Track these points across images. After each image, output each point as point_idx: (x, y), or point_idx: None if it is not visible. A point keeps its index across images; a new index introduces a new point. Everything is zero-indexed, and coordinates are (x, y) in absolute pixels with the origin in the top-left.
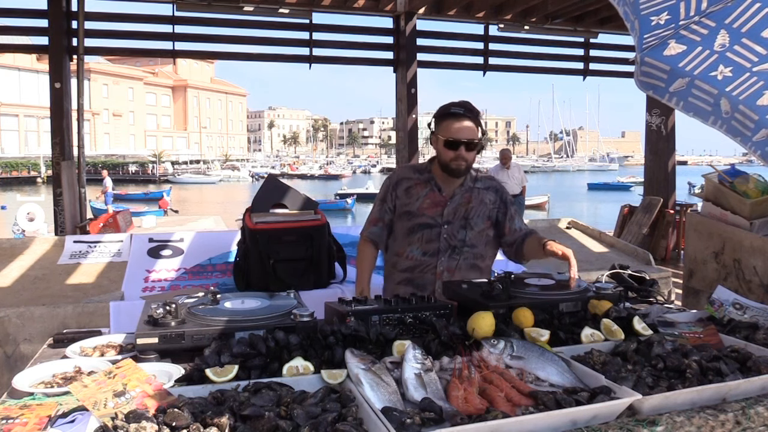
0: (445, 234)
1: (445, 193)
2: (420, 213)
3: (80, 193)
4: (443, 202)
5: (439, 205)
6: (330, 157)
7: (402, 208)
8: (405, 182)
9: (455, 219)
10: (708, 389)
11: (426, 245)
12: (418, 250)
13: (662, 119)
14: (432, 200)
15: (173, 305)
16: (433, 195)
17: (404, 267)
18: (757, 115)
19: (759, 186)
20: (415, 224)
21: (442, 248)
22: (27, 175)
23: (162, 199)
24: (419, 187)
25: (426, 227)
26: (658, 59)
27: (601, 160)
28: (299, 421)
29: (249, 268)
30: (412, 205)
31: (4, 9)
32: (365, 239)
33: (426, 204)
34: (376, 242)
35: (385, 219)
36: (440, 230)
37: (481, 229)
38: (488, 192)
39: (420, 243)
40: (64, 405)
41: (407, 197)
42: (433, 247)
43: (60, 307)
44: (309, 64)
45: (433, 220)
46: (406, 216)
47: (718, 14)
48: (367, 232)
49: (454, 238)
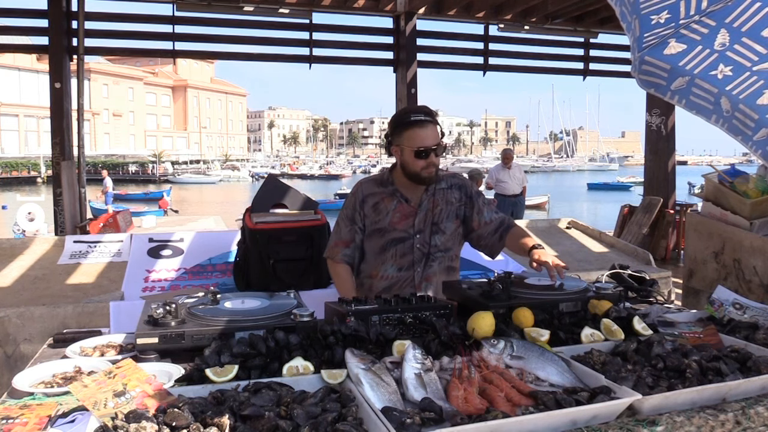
0: (417, 244)
1: (413, 203)
2: (391, 228)
3: (80, 193)
4: (413, 212)
5: (409, 216)
6: (330, 157)
7: (372, 226)
8: (371, 198)
9: (425, 227)
10: (708, 389)
11: (400, 260)
12: (392, 267)
13: (662, 119)
14: (401, 213)
15: (173, 305)
16: (402, 207)
17: (381, 288)
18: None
19: (759, 186)
20: (387, 241)
21: (416, 259)
22: (27, 175)
23: (162, 199)
24: (386, 202)
25: (398, 242)
26: (658, 58)
27: (601, 160)
28: (299, 421)
29: (249, 268)
30: (382, 221)
31: (4, 9)
32: (337, 263)
33: (396, 218)
34: (350, 264)
35: (356, 239)
36: (413, 241)
37: (452, 230)
38: (452, 190)
39: (394, 259)
40: (64, 405)
41: (376, 214)
42: (407, 261)
43: (60, 307)
44: (309, 64)
45: (405, 233)
46: (377, 234)
47: (718, 13)
48: (339, 256)
49: (427, 246)
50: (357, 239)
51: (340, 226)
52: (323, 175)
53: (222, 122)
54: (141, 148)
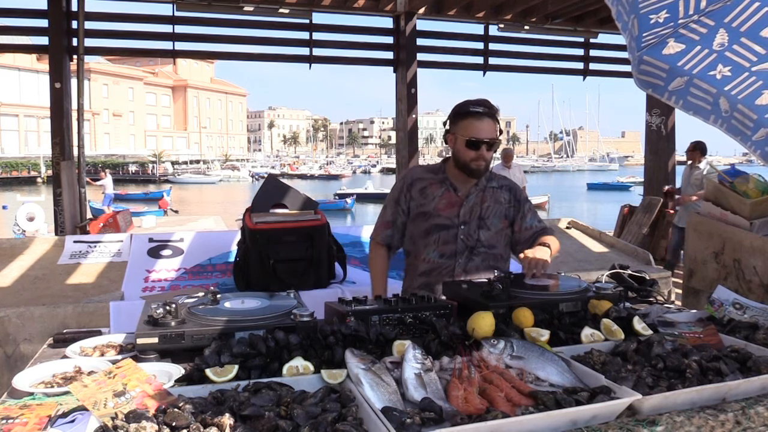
0: (461, 235)
1: (461, 193)
2: (436, 213)
3: (80, 193)
4: (459, 202)
5: (455, 205)
6: (330, 157)
7: (417, 209)
8: (419, 183)
9: (471, 219)
10: (708, 389)
11: (443, 247)
12: (434, 253)
13: (662, 119)
14: (448, 200)
15: (173, 305)
16: (449, 195)
17: (422, 270)
18: (756, 115)
19: (759, 186)
20: (431, 225)
21: (459, 249)
22: (27, 175)
23: (162, 199)
24: (434, 187)
25: (442, 228)
26: (657, 58)
27: (601, 160)
28: (299, 421)
29: (249, 268)
30: (427, 205)
31: (4, 9)
32: (378, 243)
33: (442, 204)
34: (390, 246)
35: (398, 222)
36: (457, 231)
37: (499, 229)
38: (503, 191)
39: (437, 245)
40: (64, 405)
41: (422, 198)
42: (450, 249)
43: (60, 307)
44: (309, 64)
45: (449, 221)
46: (421, 217)
47: (717, 13)
48: (380, 236)
49: (471, 239)
50: (399, 221)
51: (386, 208)
52: (323, 175)
53: (222, 122)
54: (141, 148)
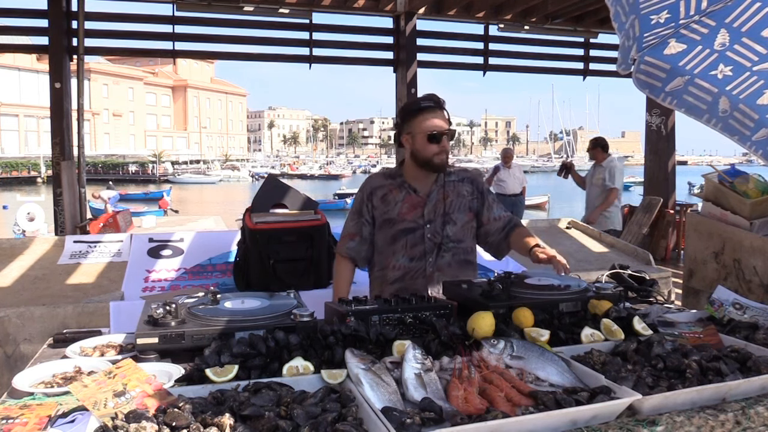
0: (428, 234)
1: (422, 193)
2: (401, 218)
3: (80, 193)
4: (422, 202)
5: (418, 207)
6: (330, 157)
7: (381, 217)
8: (379, 191)
9: (436, 217)
10: (708, 389)
11: (411, 250)
12: (404, 258)
13: (662, 119)
14: (410, 203)
15: (173, 305)
16: (410, 198)
17: (394, 278)
18: (757, 114)
19: (759, 186)
20: (397, 231)
21: (428, 249)
22: (27, 175)
23: (162, 199)
24: (394, 193)
25: (409, 232)
26: (658, 58)
27: None
28: (299, 421)
29: (249, 268)
30: (391, 212)
31: (4, 9)
32: (342, 256)
33: (404, 208)
34: (354, 258)
35: (363, 233)
36: (423, 231)
37: (464, 222)
38: (464, 184)
39: (405, 249)
40: (64, 405)
41: (384, 205)
42: (419, 251)
43: (60, 307)
44: (309, 64)
45: (414, 223)
46: (387, 225)
47: (718, 13)
48: (344, 249)
49: (438, 236)
50: (364, 231)
51: (348, 222)
52: (323, 175)
53: (222, 122)
54: (141, 148)
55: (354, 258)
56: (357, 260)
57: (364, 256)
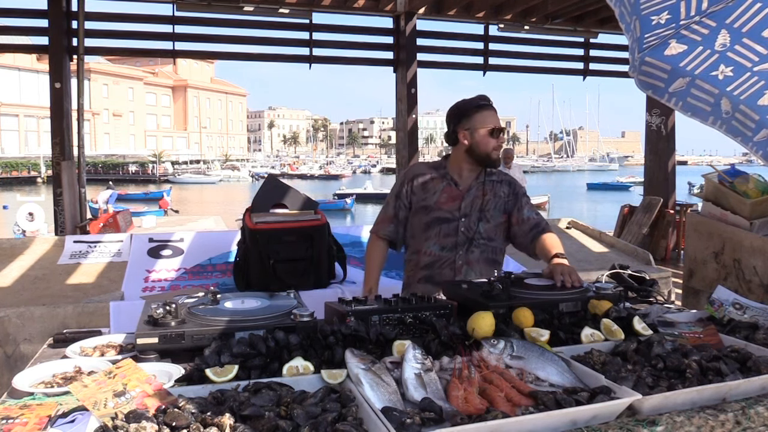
0: (462, 227)
1: (462, 187)
2: (437, 207)
3: (80, 193)
4: (460, 195)
5: (456, 199)
6: (330, 157)
7: (418, 203)
8: (420, 178)
9: (472, 212)
10: (708, 389)
11: (443, 239)
12: (435, 246)
13: (662, 119)
14: (449, 194)
15: (173, 305)
16: (450, 189)
17: (424, 264)
18: (758, 115)
19: (759, 186)
20: (432, 219)
21: (459, 242)
22: (27, 175)
23: (162, 199)
24: (435, 182)
25: (443, 221)
26: (659, 59)
27: (601, 160)
28: (299, 421)
29: (249, 268)
30: (429, 199)
31: (4, 9)
32: (377, 237)
33: (443, 198)
34: (390, 240)
35: (400, 216)
36: (457, 224)
37: (498, 222)
38: (502, 185)
39: (438, 237)
40: (64, 405)
41: (423, 192)
42: (450, 242)
43: (60, 307)
44: (309, 64)
45: (450, 214)
46: (422, 211)
47: (718, 14)
48: (382, 231)
49: (471, 231)
50: (400, 215)
51: (388, 203)
52: (323, 175)
53: (222, 122)
54: (141, 148)
55: (393, 240)
56: (395, 242)
57: (401, 238)
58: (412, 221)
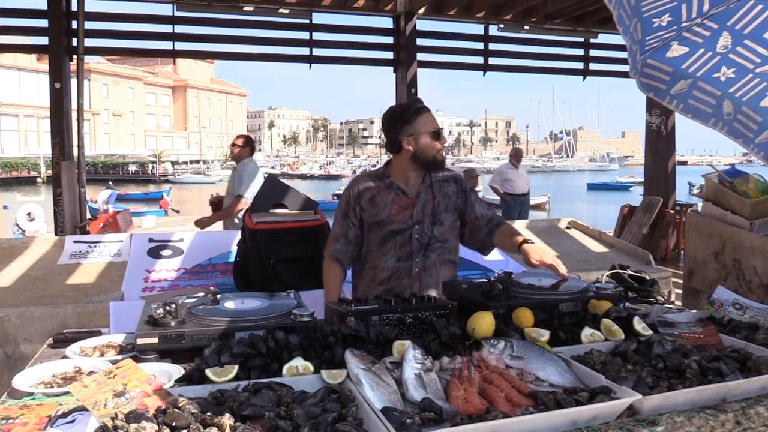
0: (416, 234)
1: (410, 195)
2: (390, 220)
3: (80, 193)
4: (410, 203)
5: (407, 208)
6: (330, 157)
7: (370, 219)
8: (367, 192)
9: (425, 217)
10: (708, 389)
11: (399, 251)
12: (392, 258)
13: (662, 119)
14: (399, 204)
15: (173, 305)
16: (399, 199)
17: (381, 279)
18: (760, 117)
19: (759, 186)
20: (386, 233)
21: (414, 249)
22: (27, 175)
23: (163, 199)
24: (383, 194)
25: (398, 233)
26: (660, 61)
27: (601, 160)
28: (299, 421)
29: (249, 268)
30: (380, 214)
31: (4, 9)
32: (331, 259)
33: (394, 210)
34: (341, 260)
35: (349, 234)
36: (411, 231)
37: (450, 221)
38: (449, 183)
39: (394, 250)
40: (64, 405)
41: (373, 207)
42: (406, 251)
43: (60, 307)
44: (309, 64)
45: (404, 224)
46: (376, 227)
47: (720, 16)
48: (331, 251)
49: (425, 236)
50: (350, 234)
51: (335, 222)
52: (323, 175)
53: (222, 122)
54: (141, 148)
55: (341, 260)
56: (343, 262)
57: (350, 257)
58: (368, 237)
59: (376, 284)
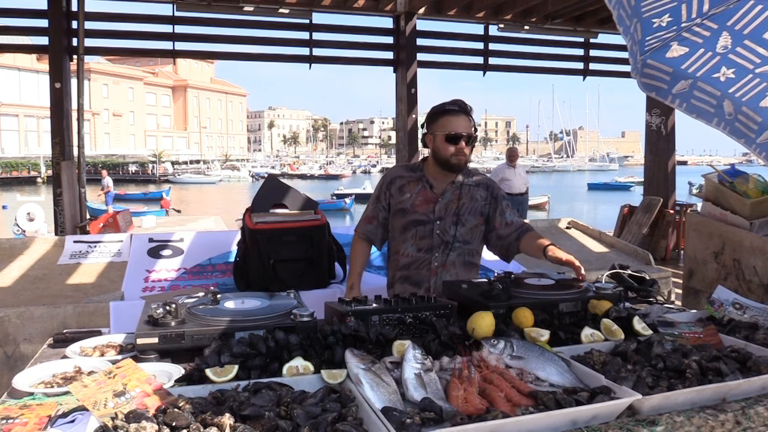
0: (437, 230)
1: (437, 190)
2: (413, 210)
3: (80, 193)
4: (434, 198)
5: (430, 202)
6: (330, 157)
7: (396, 206)
8: (398, 180)
9: (447, 215)
10: (708, 389)
11: (420, 241)
12: (412, 247)
13: (662, 119)
14: (424, 197)
15: (173, 305)
16: (425, 192)
17: (402, 264)
18: (760, 117)
19: (759, 186)
20: (408, 221)
21: (435, 244)
22: (27, 175)
23: (163, 199)
24: (412, 185)
25: (419, 224)
26: (660, 61)
27: (601, 160)
28: (299, 421)
29: (249, 268)
30: (405, 202)
31: (4, 9)
32: (359, 237)
33: (418, 201)
34: (370, 240)
35: (380, 217)
36: (433, 226)
37: (473, 225)
38: (479, 188)
39: (414, 239)
40: (64, 405)
41: (400, 195)
42: (426, 243)
43: (60, 307)
44: (309, 64)
45: (425, 217)
46: (400, 213)
47: (719, 16)
48: (361, 230)
49: (447, 234)
50: (380, 216)
51: (369, 204)
52: (323, 175)
53: (222, 122)
54: (141, 148)
55: (371, 239)
56: (374, 241)
57: (381, 238)
58: (392, 223)
59: (398, 269)
